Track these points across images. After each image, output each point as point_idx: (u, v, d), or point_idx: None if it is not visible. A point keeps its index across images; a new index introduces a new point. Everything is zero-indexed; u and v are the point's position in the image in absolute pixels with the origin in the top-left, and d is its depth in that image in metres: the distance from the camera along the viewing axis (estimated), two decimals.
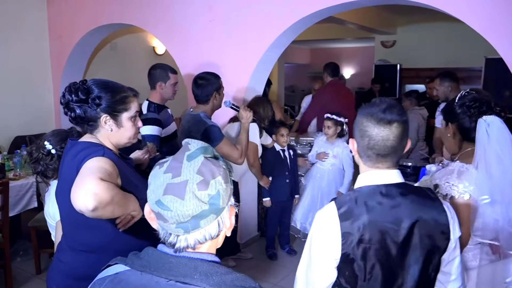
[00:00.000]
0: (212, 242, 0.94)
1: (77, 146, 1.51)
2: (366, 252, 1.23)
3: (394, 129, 1.24)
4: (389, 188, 1.27)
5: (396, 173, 1.31)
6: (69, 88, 1.51)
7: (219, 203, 0.89)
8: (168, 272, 0.88)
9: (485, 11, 2.80)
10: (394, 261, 1.25)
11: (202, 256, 0.91)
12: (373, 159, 1.29)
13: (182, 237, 0.90)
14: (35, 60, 5.29)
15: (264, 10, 3.68)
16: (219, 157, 0.96)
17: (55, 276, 1.60)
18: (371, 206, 1.24)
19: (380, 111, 1.25)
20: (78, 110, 1.50)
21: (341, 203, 1.27)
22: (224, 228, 0.94)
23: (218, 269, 0.88)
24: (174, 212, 0.87)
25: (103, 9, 4.69)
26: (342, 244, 1.22)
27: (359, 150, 1.32)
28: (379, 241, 1.23)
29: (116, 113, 1.54)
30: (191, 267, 0.88)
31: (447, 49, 7.30)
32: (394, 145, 1.25)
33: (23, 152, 3.92)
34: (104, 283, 0.94)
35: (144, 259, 0.92)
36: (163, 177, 0.89)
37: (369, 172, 1.31)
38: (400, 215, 1.25)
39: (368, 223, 1.22)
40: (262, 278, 3.42)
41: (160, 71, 3.02)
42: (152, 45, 6.45)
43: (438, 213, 1.28)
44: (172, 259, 0.90)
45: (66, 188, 1.44)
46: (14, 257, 3.62)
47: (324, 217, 1.28)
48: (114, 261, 0.97)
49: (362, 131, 1.28)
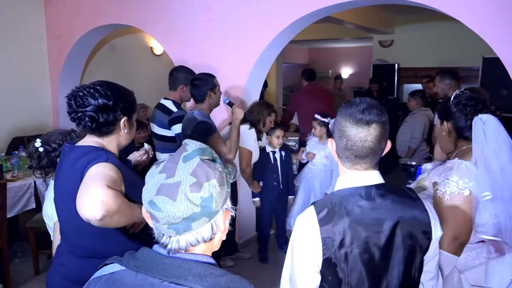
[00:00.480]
0: (207, 245, 0.93)
1: (78, 151, 1.48)
2: (348, 256, 1.20)
3: (372, 130, 1.21)
4: (368, 190, 1.25)
5: (376, 174, 1.28)
6: (90, 93, 1.45)
7: (211, 206, 0.88)
8: (162, 273, 0.88)
9: (482, 11, 2.81)
10: (377, 264, 1.23)
11: (196, 258, 0.90)
12: (351, 160, 1.26)
13: (174, 238, 0.90)
14: (33, 61, 5.28)
15: (262, 10, 3.68)
16: (218, 160, 0.95)
17: (55, 279, 1.59)
18: (350, 209, 1.22)
19: (359, 111, 1.22)
20: (104, 115, 1.46)
21: (320, 207, 1.24)
22: (218, 231, 0.93)
23: (212, 271, 0.88)
24: (165, 213, 0.86)
25: (101, 9, 4.68)
26: (323, 249, 1.20)
27: (338, 151, 1.29)
28: (361, 244, 1.21)
29: (131, 114, 1.57)
30: (185, 268, 0.88)
31: (445, 48, 7.32)
32: (372, 146, 1.22)
33: (21, 153, 3.91)
34: (100, 282, 0.94)
35: (139, 259, 0.92)
36: (158, 177, 0.89)
37: (348, 175, 1.29)
38: (381, 217, 1.22)
39: (349, 226, 1.20)
40: (260, 278, 3.42)
41: (186, 75, 3.18)
42: (150, 45, 6.44)
43: (420, 213, 1.27)
44: (167, 260, 0.90)
45: (67, 194, 1.43)
46: (12, 258, 3.61)
47: (303, 222, 1.25)
48: (110, 260, 0.97)
49: (341, 132, 1.25)
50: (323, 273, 1.23)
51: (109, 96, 1.47)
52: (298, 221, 1.27)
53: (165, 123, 3.10)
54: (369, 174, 1.27)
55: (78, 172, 1.40)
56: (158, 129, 3.17)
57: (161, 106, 3.20)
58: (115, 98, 1.48)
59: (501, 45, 2.78)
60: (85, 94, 1.45)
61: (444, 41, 7.31)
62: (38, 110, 5.35)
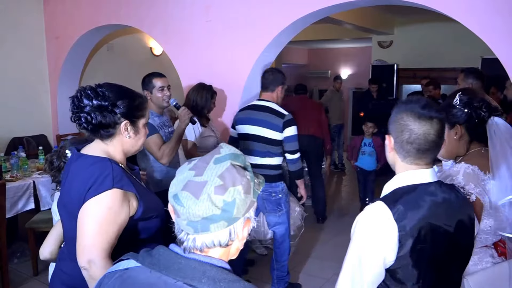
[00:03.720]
0: (224, 251, 0.93)
1: (84, 160, 1.45)
2: (420, 253, 1.21)
3: (434, 124, 1.25)
4: (434, 187, 1.28)
5: (434, 171, 1.32)
6: (86, 93, 1.43)
7: (232, 211, 0.88)
8: (177, 273, 0.88)
9: (481, 12, 2.82)
10: (444, 261, 1.26)
11: (212, 261, 0.90)
12: (412, 155, 1.28)
13: (191, 236, 0.90)
14: (32, 61, 5.28)
15: (261, 11, 3.68)
16: (249, 168, 0.95)
17: (55, 284, 1.59)
18: (422, 205, 1.23)
19: (420, 107, 1.26)
20: (98, 116, 1.41)
21: (392, 203, 1.23)
22: (236, 239, 0.92)
23: (226, 276, 0.88)
24: (186, 209, 0.87)
25: (100, 10, 4.68)
26: (399, 246, 1.20)
27: (397, 146, 1.30)
28: (432, 241, 1.23)
29: (135, 119, 1.50)
30: (200, 270, 0.88)
31: (444, 49, 7.32)
32: (435, 140, 1.26)
33: (20, 153, 3.91)
34: (114, 277, 0.95)
35: (155, 257, 0.93)
36: (187, 173, 0.91)
37: (411, 171, 1.29)
38: (448, 212, 1.26)
39: (423, 222, 1.22)
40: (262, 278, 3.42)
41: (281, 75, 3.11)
42: (149, 45, 6.44)
43: (471, 211, 1.32)
44: (182, 260, 0.90)
45: (70, 202, 1.42)
46: (11, 259, 3.61)
47: (376, 219, 1.24)
48: (126, 256, 0.98)
49: (402, 126, 1.27)
50: (393, 271, 1.23)
51: (106, 97, 1.42)
52: (368, 219, 1.26)
53: (279, 126, 2.95)
54: (431, 172, 1.30)
55: (82, 190, 1.38)
56: (268, 132, 2.98)
57: (266, 108, 3.02)
58: (113, 99, 1.43)
59: (500, 46, 2.79)
60: (82, 95, 1.43)
61: (443, 41, 7.31)
62: (37, 110, 5.35)
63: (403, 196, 1.24)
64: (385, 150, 1.38)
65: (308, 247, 4.12)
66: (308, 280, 3.50)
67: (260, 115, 3.01)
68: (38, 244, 3.35)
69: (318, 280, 3.49)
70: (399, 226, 1.20)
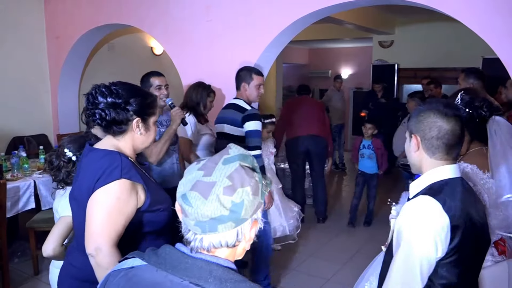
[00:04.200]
0: (231, 251, 0.93)
1: (95, 153, 1.51)
2: (466, 244, 1.26)
3: (459, 121, 1.33)
4: (463, 181, 1.35)
5: (458, 167, 1.38)
6: (100, 91, 1.48)
7: (241, 212, 0.88)
8: (183, 272, 0.88)
9: (482, 11, 2.81)
10: (479, 257, 1.36)
11: (218, 261, 0.90)
12: (441, 150, 1.33)
13: (198, 236, 0.90)
14: (33, 61, 5.28)
15: (261, 10, 3.68)
16: (257, 169, 0.95)
17: (64, 278, 1.62)
18: (461, 198, 1.29)
19: (443, 105, 1.34)
20: (112, 113, 1.48)
21: (439, 197, 1.27)
22: (243, 240, 0.92)
23: (233, 276, 0.88)
24: (194, 209, 0.87)
25: (100, 9, 4.68)
26: (450, 238, 1.24)
27: (425, 143, 1.35)
28: (475, 231, 1.29)
29: (146, 116, 1.56)
30: (207, 270, 0.88)
31: (445, 49, 7.31)
32: (460, 136, 1.33)
33: (20, 153, 3.91)
34: (119, 275, 0.95)
35: (161, 256, 0.93)
36: (196, 173, 0.91)
37: (440, 168, 1.34)
38: (477, 207, 1.33)
39: (465, 214, 1.27)
40: None
41: (245, 72, 3.05)
42: (150, 45, 6.44)
43: (482, 205, 1.41)
44: (189, 259, 0.90)
45: (80, 194, 1.47)
46: (12, 258, 3.61)
47: (428, 212, 1.26)
48: (131, 255, 0.98)
49: (430, 123, 1.34)
50: (442, 264, 1.27)
51: (120, 95, 1.48)
52: (419, 213, 1.27)
53: (238, 120, 2.93)
54: (457, 167, 1.38)
55: (92, 181, 1.43)
56: (229, 128, 2.99)
57: (231, 105, 3.05)
58: (126, 97, 1.49)
59: (501, 46, 2.78)
60: (96, 92, 1.48)
61: (444, 41, 7.30)
62: (38, 110, 5.35)
63: (443, 188, 1.30)
64: (408, 151, 1.42)
65: (309, 247, 4.12)
66: (309, 280, 3.50)
67: (225, 113, 3.04)
68: (38, 244, 3.38)
69: (318, 280, 3.49)
70: (450, 217, 1.24)
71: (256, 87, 3.00)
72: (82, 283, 1.52)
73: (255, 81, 3.00)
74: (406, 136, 1.44)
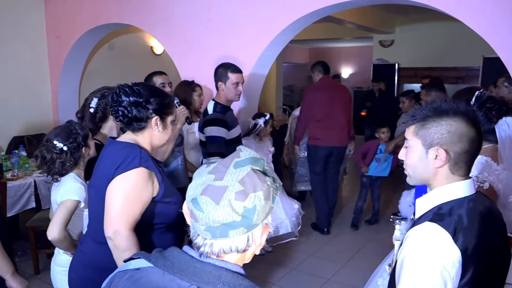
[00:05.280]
0: (240, 256, 0.92)
1: (116, 145, 1.62)
2: (478, 279, 1.09)
3: (480, 130, 1.14)
4: (476, 198, 1.15)
5: (472, 181, 1.18)
6: (124, 90, 1.58)
7: (253, 218, 0.86)
8: (192, 277, 0.86)
9: (483, 11, 2.81)
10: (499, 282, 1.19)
11: (227, 266, 0.89)
12: (467, 165, 1.13)
13: (208, 241, 0.88)
14: (33, 60, 5.28)
15: (262, 10, 3.68)
16: (268, 173, 0.93)
17: (76, 266, 1.70)
18: (475, 221, 1.10)
19: (472, 111, 1.13)
20: (134, 111, 1.58)
21: (445, 223, 1.08)
22: (253, 244, 0.91)
23: (242, 282, 0.87)
24: (205, 215, 0.85)
25: (101, 9, 4.68)
26: (462, 272, 1.06)
27: (455, 158, 1.12)
28: (489, 263, 1.12)
29: (164, 115, 1.65)
30: (215, 275, 0.86)
31: (445, 48, 7.31)
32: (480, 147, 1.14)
33: (21, 152, 3.91)
34: (125, 277, 0.93)
35: (169, 259, 0.91)
36: (206, 177, 0.89)
37: (453, 184, 1.14)
38: (496, 228, 1.17)
39: (480, 241, 1.09)
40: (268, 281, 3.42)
41: (221, 70, 2.91)
42: (150, 45, 6.44)
43: (505, 226, 1.23)
44: (198, 263, 0.88)
45: (99, 182, 1.57)
46: (12, 258, 3.61)
47: (435, 246, 1.07)
48: (137, 255, 0.96)
49: (462, 135, 1.10)
50: None
51: (142, 94, 1.58)
52: (424, 244, 1.08)
53: (200, 125, 2.89)
54: (472, 182, 1.17)
55: (112, 168, 1.52)
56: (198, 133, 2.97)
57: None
58: (147, 97, 1.59)
59: (502, 45, 2.78)
60: (120, 91, 1.58)
61: (445, 40, 7.30)
62: (38, 109, 5.36)
63: (455, 213, 1.10)
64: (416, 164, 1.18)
65: (309, 246, 4.12)
66: (309, 280, 3.50)
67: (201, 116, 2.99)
68: (39, 243, 3.39)
69: (318, 280, 3.49)
70: (462, 249, 1.06)
71: (234, 85, 2.86)
72: (92, 271, 1.59)
73: (231, 79, 2.86)
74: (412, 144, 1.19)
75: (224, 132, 2.78)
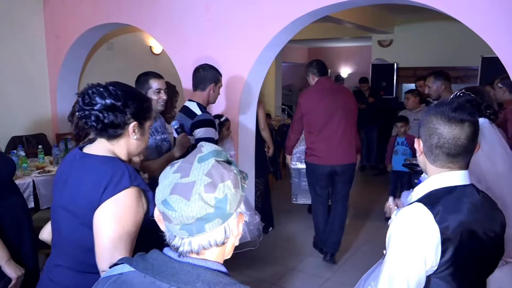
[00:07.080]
0: (220, 250, 0.92)
1: (91, 160, 1.38)
2: (462, 258, 1.18)
3: (466, 128, 1.21)
4: (469, 189, 1.24)
5: (467, 174, 1.27)
6: (98, 91, 1.37)
7: (226, 207, 0.87)
8: (171, 278, 0.86)
9: (481, 11, 2.81)
10: (484, 270, 1.26)
11: (206, 264, 0.89)
12: (442, 159, 1.24)
13: (186, 240, 0.88)
14: (32, 60, 5.27)
15: (261, 10, 3.68)
16: (233, 162, 0.94)
17: None
18: (462, 207, 1.20)
19: (451, 110, 1.22)
20: (110, 116, 1.36)
21: (430, 204, 1.19)
22: (231, 235, 0.91)
23: (221, 279, 0.86)
24: (178, 213, 0.85)
25: (100, 8, 4.67)
26: (442, 249, 1.16)
27: (425, 149, 1.28)
28: (473, 247, 1.19)
29: (143, 120, 1.46)
30: (194, 274, 0.86)
31: (444, 48, 7.32)
32: (465, 145, 1.22)
33: (19, 152, 3.90)
34: (108, 282, 0.94)
35: (149, 261, 0.91)
36: (172, 177, 0.88)
37: (445, 174, 1.25)
38: (487, 219, 1.24)
39: (465, 225, 1.18)
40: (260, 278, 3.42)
41: (214, 72, 2.87)
42: (149, 44, 6.43)
43: (503, 217, 1.30)
44: (176, 264, 0.88)
45: (73, 203, 1.35)
46: None
47: (416, 221, 1.18)
48: (120, 261, 0.96)
49: (431, 129, 1.24)
50: (434, 279, 1.20)
51: (119, 97, 1.37)
52: (407, 221, 1.21)
53: (188, 128, 2.72)
54: (465, 174, 1.26)
55: (93, 190, 1.31)
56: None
57: (184, 108, 2.84)
58: (125, 99, 1.38)
59: (500, 45, 2.78)
60: (93, 92, 1.37)
61: (443, 40, 7.31)
62: (37, 109, 5.35)
63: (442, 198, 1.21)
64: (416, 152, 1.35)
65: (309, 246, 4.12)
66: (309, 279, 3.51)
67: (177, 117, 2.82)
68: (37, 243, 3.37)
69: (318, 280, 3.49)
70: (441, 228, 1.15)
71: (220, 88, 2.91)
72: None
73: (220, 82, 2.90)
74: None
75: (214, 133, 2.73)
